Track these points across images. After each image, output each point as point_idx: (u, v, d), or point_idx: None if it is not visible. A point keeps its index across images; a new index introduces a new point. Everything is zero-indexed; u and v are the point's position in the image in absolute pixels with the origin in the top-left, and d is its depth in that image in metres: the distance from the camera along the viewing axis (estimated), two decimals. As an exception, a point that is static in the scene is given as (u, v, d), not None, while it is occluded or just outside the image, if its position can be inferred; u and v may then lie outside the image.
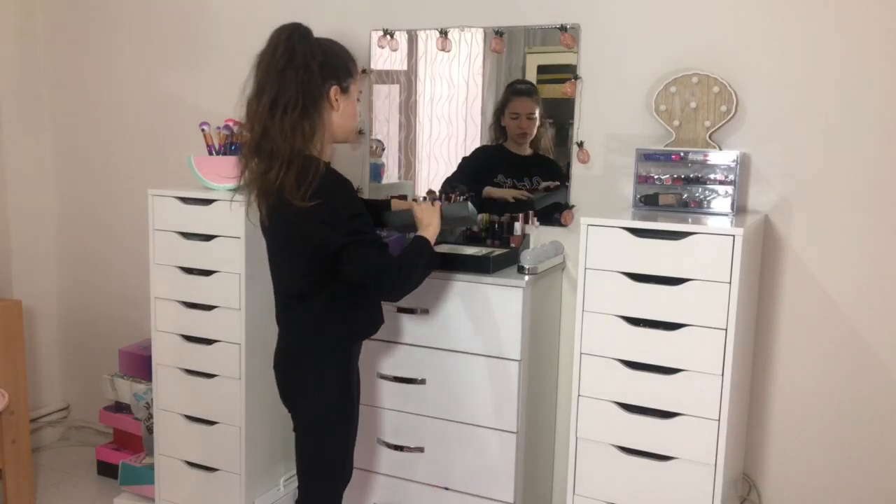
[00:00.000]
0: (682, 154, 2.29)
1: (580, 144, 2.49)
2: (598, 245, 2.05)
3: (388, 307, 2.37)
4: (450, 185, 2.70)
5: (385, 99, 2.80)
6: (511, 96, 2.62)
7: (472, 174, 2.70)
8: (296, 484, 2.61)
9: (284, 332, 2.11)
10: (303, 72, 1.91)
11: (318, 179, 1.89)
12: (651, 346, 2.02)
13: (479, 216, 2.55)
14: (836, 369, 2.30)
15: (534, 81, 2.56)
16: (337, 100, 1.99)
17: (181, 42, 3.15)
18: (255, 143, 1.94)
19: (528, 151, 2.63)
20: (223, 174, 2.46)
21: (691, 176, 2.28)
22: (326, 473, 2.14)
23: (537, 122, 2.60)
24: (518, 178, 2.62)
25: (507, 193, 2.62)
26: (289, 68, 1.91)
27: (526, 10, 2.52)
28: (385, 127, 2.81)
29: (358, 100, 2.09)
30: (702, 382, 1.97)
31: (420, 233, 2.10)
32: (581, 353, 2.10)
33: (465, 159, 2.71)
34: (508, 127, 2.63)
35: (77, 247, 3.53)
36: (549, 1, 2.49)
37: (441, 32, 2.64)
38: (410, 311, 2.34)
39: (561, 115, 2.53)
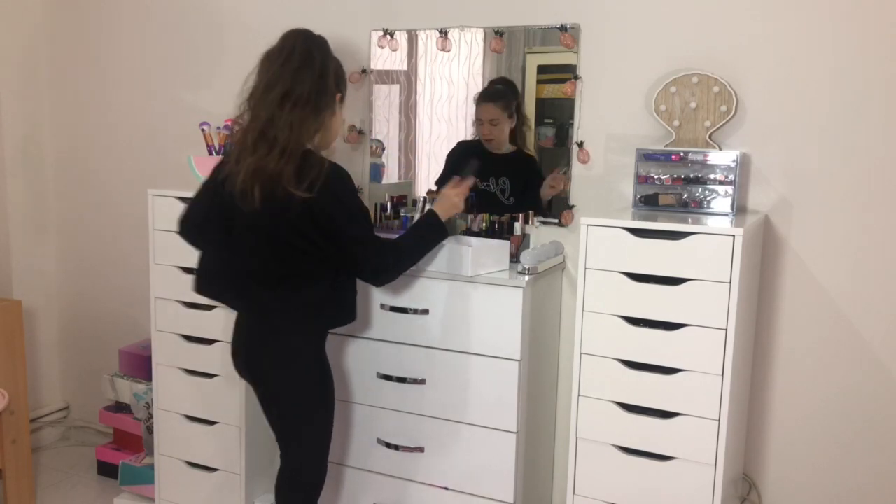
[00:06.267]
0: (682, 154, 2.29)
1: (580, 144, 2.49)
2: (598, 245, 2.05)
3: (386, 307, 2.37)
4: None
5: (385, 99, 2.80)
6: (478, 101, 2.63)
7: (452, 168, 2.67)
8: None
9: (260, 313, 2.13)
10: (319, 74, 2.00)
11: (324, 174, 1.96)
12: (651, 346, 2.02)
13: (479, 216, 2.55)
14: (836, 369, 2.30)
15: (534, 81, 2.56)
16: (339, 107, 2.11)
17: (181, 42, 3.15)
18: (258, 130, 1.98)
19: (503, 150, 2.62)
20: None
21: (691, 176, 2.28)
22: (320, 450, 2.22)
23: (505, 127, 2.59)
24: (484, 178, 2.60)
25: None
26: (306, 68, 1.99)
27: (526, 10, 2.52)
28: (385, 127, 2.81)
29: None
30: (702, 382, 1.97)
31: (435, 207, 2.22)
32: (581, 353, 2.10)
33: (448, 154, 2.72)
34: (478, 129, 2.64)
35: (77, 247, 3.53)
36: (549, 1, 2.49)
37: (441, 32, 2.64)
38: (411, 311, 2.34)
39: (561, 115, 2.53)
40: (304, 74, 1.99)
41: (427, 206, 2.45)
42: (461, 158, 2.64)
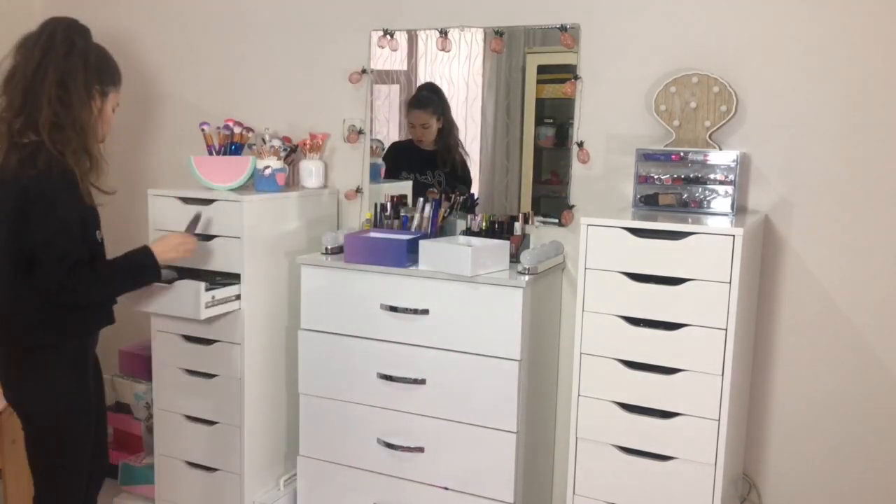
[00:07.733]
0: (682, 154, 2.29)
1: (580, 144, 2.49)
2: (598, 245, 2.05)
3: (386, 307, 2.37)
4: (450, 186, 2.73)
5: (385, 99, 2.80)
6: (409, 108, 2.77)
7: (390, 169, 2.86)
8: (295, 484, 2.62)
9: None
10: (77, 64, 1.94)
11: (50, 170, 1.87)
12: (651, 346, 2.02)
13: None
14: (836, 369, 2.30)
15: (534, 81, 2.56)
16: (101, 101, 2.03)
17: (181, 42, 3.15)
18: (26, 117, 1.91)
19: (432, 147, 2.78)
20: (223, 174, 2.45)
21: (691, 176, 2.28)
22: (62, 475, 2.13)
23: (434, 129, 2.76)
24: (421, 172, 2.76)
25: None
26: (62, 56, 1.92)
27: (526, 10, 2.52)
28: (385, 127, 2.81)
29: (112, 110, 2.12)
30: (702, 382, 1.97)
31: (153, 245, 2.20)
32: (581, 353, 2.10)
33: (384, 156, 2.85)
34: (410, 132, 2.81)
35: (77, 247, 3.52)
36: (549, 1, 2.49)
37: (441, 32, 2.64)
38: (411, 311, 2.34)
39: (561, 115, 2.53)
40: (60, 62, 1.91)
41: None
42: (397, 158, 2.82)
